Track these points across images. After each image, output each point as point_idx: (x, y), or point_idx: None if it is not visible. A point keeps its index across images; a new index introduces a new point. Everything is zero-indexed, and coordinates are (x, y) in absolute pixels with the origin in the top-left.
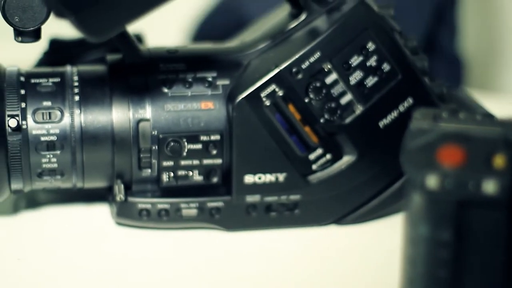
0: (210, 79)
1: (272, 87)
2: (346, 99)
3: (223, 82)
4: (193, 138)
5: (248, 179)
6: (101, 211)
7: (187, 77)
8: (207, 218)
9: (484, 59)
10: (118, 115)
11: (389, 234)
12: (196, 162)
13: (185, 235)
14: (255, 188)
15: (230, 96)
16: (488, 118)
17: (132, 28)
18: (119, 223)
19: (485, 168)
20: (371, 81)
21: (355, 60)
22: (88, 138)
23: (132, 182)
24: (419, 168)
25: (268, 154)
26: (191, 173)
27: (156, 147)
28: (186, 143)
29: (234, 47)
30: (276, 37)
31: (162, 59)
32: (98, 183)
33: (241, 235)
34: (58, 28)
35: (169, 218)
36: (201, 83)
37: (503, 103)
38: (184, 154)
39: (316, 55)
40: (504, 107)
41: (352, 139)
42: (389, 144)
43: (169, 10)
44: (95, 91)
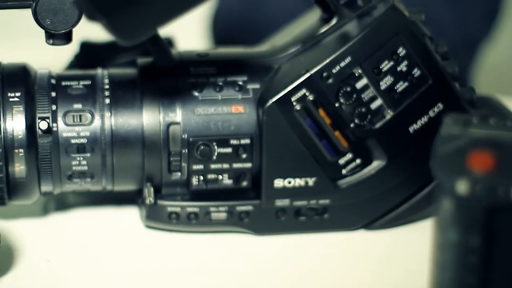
0: (241, 83)
1: (303, 91)
2: (376, 104)
3: (253, 86)
4: (223, 142)
5: (278, 183)
6: (130, 214)
7: (218, 80)
8: (236, 222)
9: None
10: (149, 118)
11: (418, 239)
12: (226, 165)
13: (214, 239)
14: (284, 192)
15: (260, 100)
16: None
17: (162, 31)
18: (148, 226)
19: None
20: (401, 86)
21: (386, 65)
22: (118, 141)
23: (161, 185)
24: (449, 173)
25: (298, 158)
26: (220, 176)
27: (186, 150)
28: (216, 147)
29: (264, 51)
30: (307, 41)
31: (193, 63)
32: (128, 186)
33: (270, 239)
34: (89, 30)
35: (198, 222)
36: (231, 87)
37: None
38: (214, 157)
39: (347, 59)
40: None
41: (382, 144)
42: (418, 149)
43: (199, 13)
44: (126, 94)
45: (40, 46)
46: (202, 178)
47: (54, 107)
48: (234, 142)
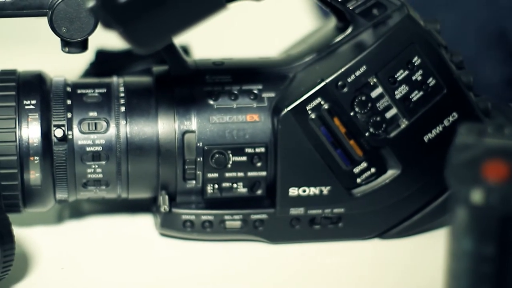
0: (256, 92)
1: (318, 100)
2: (391, 113)
3: (268, 95)
4: (238, 150)
5: (293, 191)
6: (145, 222)
7: (233, 89)
8: (251, 230)
9: None
10: (164, 126)
11: (432, 248)
12: (240, 174)
13: (228, 247)
14: (299, 201)
15: (275, 108)
16: None
17: (178, 39)
18: (163, 234)
19: None
20: (416, 95)
21: (401, 74)
22: (133, 149)
23: (176, 193)
24: (463, 183)
25: (312, 167)
26: (235, 185)
27: (201, 158)
28: (231, 155)
29: (280, 60)
30: (322, 50)
31: (208, 71)
32: (143, 194)
33: (284, 247)
34: (105, 39)
35: (213, 230)
36: (246, 96)
37: None
38: (229, 166)
39: (362, 68)
40: None
41: (397, 153)
42: (433, 158)
43: (216, 22)
44: (141, 102)
45: (56, 54)
46: (217, 186)
47: (69, 115)
48: (249, 150)
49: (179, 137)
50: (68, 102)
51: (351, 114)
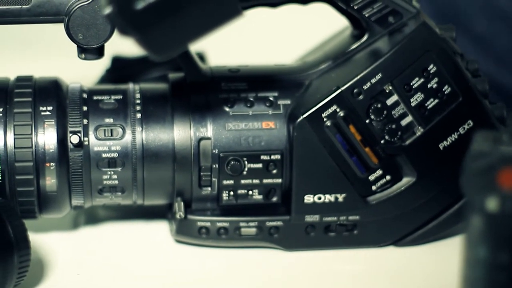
0: (272, 99)
1: (333, 107)
2: (407, 120)
3: (284, 102)
4: (253, 157)
5: (308, 199)
6: (160, 228)
7: (249, 96)
8: (266, 237)
9: None
10: (180, 133)
11: (447, 256)
12: (256, 181)
13: (243, 254)
14: (314, 208)
15: (291, 116)
16: None
17: (194, 46)
18: (178, 241)
19: None
20: (431, 103)
21: (416, 82)
22: (149, 156)
23: (192, 200)
24: (479, 190)
25: (328, 174)
26: (251, 192)
27: (217, 165)
28: (247, 162)
29: (295, 67)
30: (338, 57)
31: (224, 78)
32: (158, 201)
33: (299, 254)
34: (121, 45)
35: (228, 237)
36: (262, 103)
37: None
38: (245, 173)
39: (378, 76)
40: None
41: (412, 161)
42: (448, 166)
43: (231, 28)
44: (157, 109)
45: (72, 61)
46: (232, 193)
47: (85, 121)
48: (264, 157)
49: (194, 144)
50: (84, 108)
51: (367, 121)
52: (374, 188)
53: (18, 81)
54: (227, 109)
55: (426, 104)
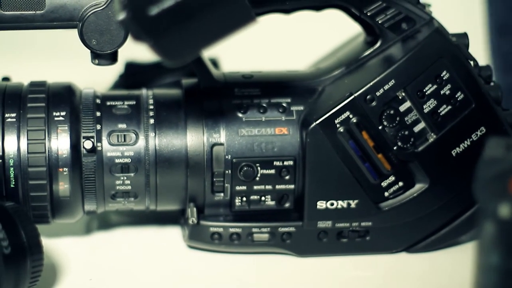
0: (285, 105)
1: (346, 114)
2: (420, 127)
3: (297, 108)
4: (266, 163)
5: (320, 205)
6: (173, 234)
7: (262, 102)
8: (279, 243)
9: None
10: (193, 138)
11: (459, 262)
12: (269, 187)
13: (256, 260)
14: (327, 214)
15: (304, 122)
16: None
17: (207, 52)
18: (190, 246)
19: None
20: (444, 109)
21: (429, 88)
22: (162, 161)
23: (204, 206)
24: (491, 197)
25: (341, 180)
26: (263, 198)
27: (230, 171)
28: (259, 168)
29: (308, 73)
30: (351, 64)
31: (237, 84)
32: (171, 206)
33: (312, 260)
34: (134, 51)
35: (240, 242)
36: (275, 109)
37: None
38: (257, 178)
39: (391, 82)
40: None
41: (425, 167)
42: (461, 172)
43: (245, 34)
44: (170, 114)
45: (86, 66)
46: (245, 199)
47: (98, 127)
48: (277, 163)
49: (207, 149)
50: (98, 114)
51: (380, 128)
52: (386, 194)
53: (32, 86)
54: (240, 115)
55: (439, 111)
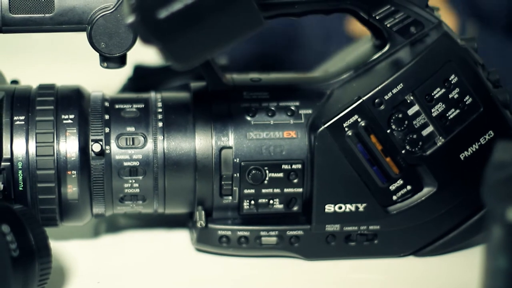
0: (293, 108)
1: (355, 117)
2: (428, 130)
3: (305, 111)
4: (274, 167)
5: (329, 208)
6: (181, 237)
7: (270, 105)
8: (287, 246)
9: None
10: (201, 142)
11: (467, 266)
12: (277, 190)
13: (264, 263)
14: (335, 218)
15: (312, 125)
16: None
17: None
18: (198, 249)
19: None
20: (453, 113)
21: (438, 92)
22: (170, 164)
23: (212, 209)
24: (499, 201)
25: (349, 184)
26: (272, 201)
27: (238, 174)
28: (268, 171)
29: (317, 77)
30: (359, 67)
31: (246, 87)
32: (179, 209)
33: (320, 264)
34: (143, 54)
35: (248, 246)
36: (284, 112)
37: None
38: (266, 182)
39: (399, 86)
40: None
41: (433, 171)
42: (469, 176)
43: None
44: (179, 117)
45: (94, 69)
46: (253, 202)
47: (107, 130)
48: (285, 167)
49: (216, 153)
50: (106, 117)
51: (388, 131)
52: (394, 198)
53: (40, 89)
54: (248, 118)
55: (447, 114)
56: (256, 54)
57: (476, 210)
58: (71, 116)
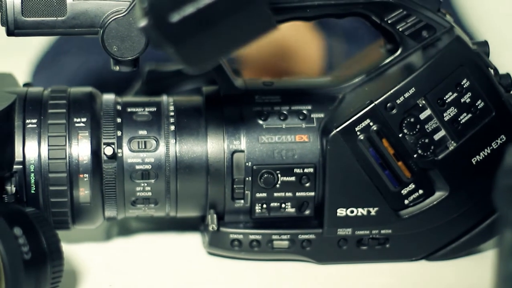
0: (305, 112)
1: (367, 121)
2: (440, 135)
3: (317, 115)
4: (286, 170)
5: (341, 212)
6: (193, 240)
7: (282, 109)
8: (298, 250)
9: None
10: (213, 145)
11: (479, 270)
12: (289, 194)
13: (275, 267)
14: (347, 222)
15: (324, 129)
16: None
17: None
18: (210, 253)
19: None
20: (465, 117)
21: (450, 96)
22: (182, 168)
23: (224, 213)
24: (511, 205)
25: (361, 188)
26: (283, 205)
27: (250, 178)
28: (280, 175)
29: (329, 81)
30: (371, 71)
31: (258, 91)
32: (191, 213)
33: (331, 268)
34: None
35: (260, 249)
36: (296, 116)
37: None
38: (278, 186)
39: (411, 90)
40: None
41: (445, 175)
42: (481, 180)
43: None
44: (191, 121)
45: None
46: (265, 206)
47: (119, 133)
48: (297, 170)
49: (228, 156)
50: (118, 120)
51: (400, 135)
52: (406, 202)
53: (53, 92)
54: (260, 122)
55: (459, 119)
56: None
57: (488, 214)
58: (83, 119)
